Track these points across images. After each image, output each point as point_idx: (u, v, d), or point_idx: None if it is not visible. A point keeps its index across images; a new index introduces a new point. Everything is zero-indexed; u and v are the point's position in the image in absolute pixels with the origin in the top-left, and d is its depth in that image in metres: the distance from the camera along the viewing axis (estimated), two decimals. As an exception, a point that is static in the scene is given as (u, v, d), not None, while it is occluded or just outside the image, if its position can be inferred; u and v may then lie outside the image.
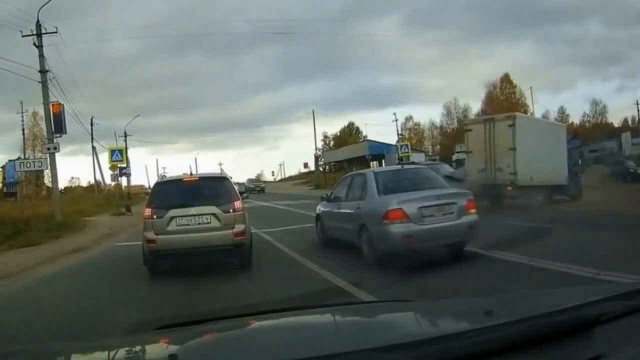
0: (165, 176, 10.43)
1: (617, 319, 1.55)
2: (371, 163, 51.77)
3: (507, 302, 2.26)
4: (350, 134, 76.59)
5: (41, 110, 22.59)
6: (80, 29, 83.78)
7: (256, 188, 52.06)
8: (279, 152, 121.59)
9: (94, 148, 40.56)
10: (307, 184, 61.07)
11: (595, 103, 66.28)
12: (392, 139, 54.81)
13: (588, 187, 19.02)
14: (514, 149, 15.62)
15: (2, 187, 52.03)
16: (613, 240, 8.80)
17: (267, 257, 9.40)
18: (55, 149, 19.16)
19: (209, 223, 7.97)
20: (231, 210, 8.10)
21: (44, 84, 19.09)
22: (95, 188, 46.04)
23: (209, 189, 8.53)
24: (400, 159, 33.65)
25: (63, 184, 53.65)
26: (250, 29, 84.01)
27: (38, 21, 18.91)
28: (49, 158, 19.64)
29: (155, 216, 8.00)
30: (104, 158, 35.13)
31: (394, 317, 2.08)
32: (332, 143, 77.59)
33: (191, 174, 9.61)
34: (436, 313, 2.07)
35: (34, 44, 18.90)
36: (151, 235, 7.92)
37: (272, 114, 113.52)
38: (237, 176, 49.01)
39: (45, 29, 19.07)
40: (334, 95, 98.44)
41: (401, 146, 37.38)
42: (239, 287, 7.11)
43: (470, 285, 6.08)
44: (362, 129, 74.88)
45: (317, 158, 60.81)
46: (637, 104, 55.45)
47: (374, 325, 1.97)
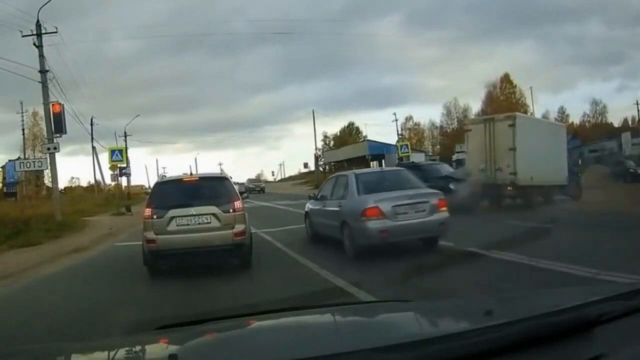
0: (165, 176, 10.45)
1: (617, 319, 1.55)
2: (371, 163, 51.80)
3: (507, 302, 2.26)
4: (350, 134, 76.58)
5: (41, 110, 22.63)
6: (80, 29, 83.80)
7: (256, 188, 52.03)
8: (279, 152, 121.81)
9: (94, 148, 40.62)
10: (307, 184, 61.01)
11: (595, 103, 66.32)
12: (392, 139, 54.88)
13: (588, 187, 19.00)
14: (514, 149, 15.62)
15: (2, 187, 52.02)
16: (613, 240, 8.79)
17: (267, 257, 9.40)
18: (55, 149, 19.15)
19: (209, 223, 7.97)
20: (231, 210, 8.10)
21: (44, 84, 19.09)
22: (95, 188, 46.04)
23: (209, 189, 8.54)
24: (400, 159, 33.67)
25: (63, 184, 53.65)
26: (250, 29, 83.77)
27: (38, 21, 18.92)
28: (49, 158, 19.64)
29: (155, 216, 8.00)
30: (104, 158, 35.14)
31: (394, 317, 2.08)
32: (332, 143, 77.59)
33: (191, 174, 9.63)
34: (436, 313, 2.07)
35: (34, 44, 18.90)
36: (151, 235, 7.92)
37: (272, 114, 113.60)
38: (237, 176, 49.09)
39: (45, 29, 19.09)
40: (334, 95, 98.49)
41: (401, 146, 37.40)
42: (239, 287, 7.11)
43: (470, 285, 6.08)
44: (362, 129, 74.96)
45: (317, 158, 60.82)
46: (637, 104, 55.53)
47: (374, 325, 1.97)
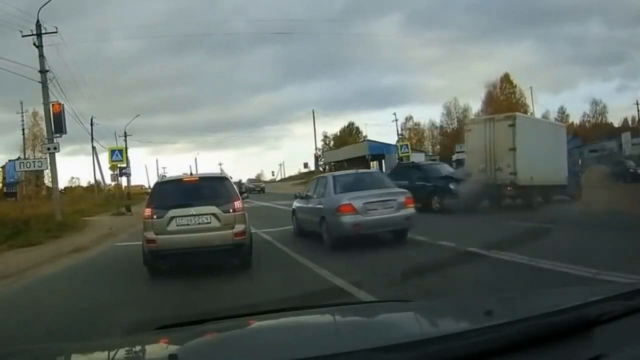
0: (165, 176, 10.45)
1: (617, 319, 1.55)
2: (371, 163, 51.76)
3: (507, 302, 2.26)
4: (350, 134, 76.54)
5: (41, 110, 22.62)
6: (80, 29, 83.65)
7: (256, 188, 51.99)
8: (279, 152, 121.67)
9: (94, 148, 40.63)
10: (307, 184, 60.89)
11: (595, 103, 66.22)
12: (392, 139, 54.76)
13: (588, 187, 18.95)
14: (514, 149, 15.63)
15: (2, 187, 52.01)
16: (613, 240, 8.79)
17: (267, 257, 9.40)
18: (55, 149, 19.16)
19: (209, 223, 7.97)
20: (231, 210, 8.10)
21: (44, 84, 19.08)
22: (95, 188, 46.05)
23: (209, 189, 8.54)
24: (400, 159, 33.66)
25: (63, 184, 53.58)
26: (250, 28, 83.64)
27: (38, 21, 18.91)
28: (49, 158, 19.64)
29: (155, 216, 8.00)
30: (104, 158, 35.13)
31: (394, 317, 2.08)
32: (332, 143, 77.54)
33: (191, 174, 9.62)
34: (436, 313, 2.07)
35: (34, 44, 18.89)
36: (151, 235, 7.92)
37: (272, 114, 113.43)
38: (237, 176, 49.00)
39: (45, 29, 19.08)
40: (334, 95, 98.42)
41: (401, 146, 37.38)
42: (239, 287, 7.11)
43: (470, 285, 6.08)
44: (362, 129, 74.90)
45: (317, 158, 60.82)
46: (637, 104, 55.50)
47: (374, 325, 1.97)
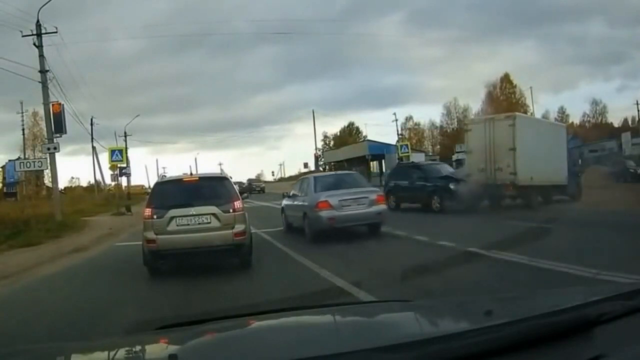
0: (165, 176, 10.44)
1: (617, 319, 1.55)
2: (371, 163, 51.73)
3: (507, 302, 2.26)
4: (350, 134, 76.50)
5: (41, 110, 22.62)
6: (80, 29, 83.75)
7: (256, 188, 51.91)
8: (279, 152, 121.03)
9: (94, 148, 40.61)
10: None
11: (596, 103, 66.21)
12: (392, 139, 54.67)
13: (588, 187, 19.01)
14: (514, 149, 15.61)
15: (2, 187, 52.02)
16: (613, 240, 8.80)
17: (267, 257, 9.40)
18: (55, 149, 19.16)
19: (209, 223, 7.96)
20: (231, 210, 8.09)
21: (44, 84, 19.08)
22: (95, 188, 46.06)
23: (209, 189, 8.53)
24: (400, 159, 33.68)
25: (63, 184, 53.64)
26: (251, 28, 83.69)
27: (38, 21, 18.91)
28: (49, 158, 19.64)
29: (155, 216, 7.99)
30: (104, 158, 35.10)
31: (394, 317, 2.08)
32: (332, 143, 77.51)
33: (191, 174, 9.61)
34: (436, 313, 2.08)
35: (34, 44, 18.89)
36: (151, 235, 7.91)
37: (273, 114, 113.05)
38: (238, 176, 49.01)
39: (45, 29, 19.08)
40: (334, 95, 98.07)
41: (401, 146, 37.43)
42: (239, 287, 7.11)
43: (470, 285, 6.07)
44: (362, 129, 74.85)
45: (317, 158, 60.73)
46: (637, 104, 55.50)
47: (374, 325, 1.97)
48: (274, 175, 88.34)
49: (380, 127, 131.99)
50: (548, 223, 11.03)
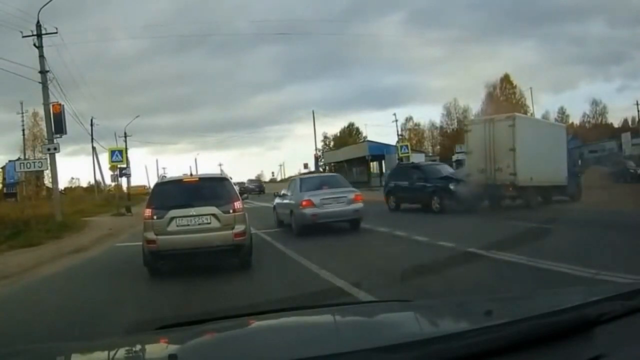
0: (165, 177, 10.43)
1: (617, 319, 1.55)
2: (371, 164, 51.71)
3: (507, 302, 2.26)
4: (350, 134, 76.48)
5: (41, 111, 22.62)
6: (81, 29, 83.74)
7: (256, 189, 51.76)
8: (279, 152, 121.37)
9: (94, 148, 40.63)
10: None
11: (595, 103, 66.07)
12: (392, 139, 54.53)
13: (588, 188, 19.02)
14: (513, 150, 15.61)
15: (2, 188, 52.04)
16: (613, 241, 8.79)
17: (267, 257, 9.40)
18: (55, 149, 19.15)
19: (209, 224, 7.96)
20: (231, 211, 8.09)
21: (44, 85, 19.08)
22: (95, 188, 46.09)
23: (209, 189, 8.53)
24: (400, 159, 33.68)
25: (63, 184, 53.68)
26: (251, 28, 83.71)
27: (38, 22, 18.90)
28: (49, 158, 19.63)
29: (155, 217, 7.98)
30: (104, 158, 35.09)
31: (394, 317, 2.08)
32: (332, 144, 77.49)
33: (191, 174, 9.59)
34: (436, 313, 2.08)
35: (34, 45, 18.88)
36: (151, 235, 7.91)
37: (273, 114, 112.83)
38: (238, 177, 48.98)
39: (46, 29, 19.06)
40: (334, 95, 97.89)
41: (401, 147, 37.47)
42: (239, 287, 7.11)
43: (470, 285, 6.07)
44: (362, 129, 74.82)
45: (317, 159, 60.73)
46: (638, 105, 55.48)
47: (374, 325, 1.97)
48: (273, 175, 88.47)
49: (380, 128, 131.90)
50: (548, 223, 11.03)
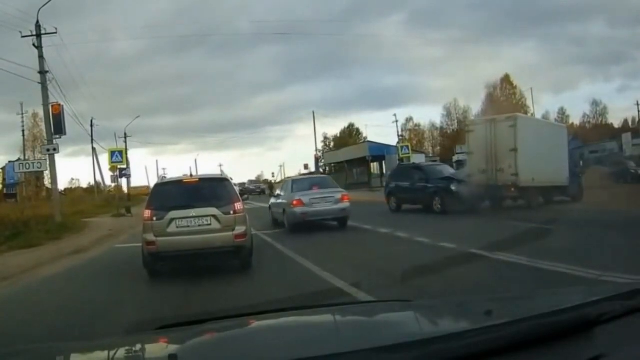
0: (165, 177, 10.42)
1: (617, 319, 1.55)
2: (372, 164, 51.68)
3: (507, 302, 2.26)
4: (351, 135, 76.40)
5: (41, 112, 22.55)
6: (80, 29, 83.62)
7: (256, 190, 51.61)
8: (280, 152, 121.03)
9: (94, 149, 40.67)
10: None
11: (596, 104, 66.01)
12: (392, 140, 54.50)
13: (589, 188, 19.01)
14: (515, 150, 15.61)
15: (2, 189, 52.09)
16: (614, 241, 8.80)
17: (267, 258, 9.40)
18: (54, 150, 19.14)
19: (209, 225, 7.91)
20: (231, 212, 8.04)
21: (43, 85, 19.08)
22: (95, 189, 46.10)
23: (209, 190, 8.49)
24: (401, 160, 33.63)
25: (63, 185, 53.85)
26: (252, 29, 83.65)
27: (38, 22, 18.89)
28: (48, 159, 19.66)
29: (155, 218, 7.94)
30: (104, 159, 35.07)
31: (394, 317, 2.08)
32: (332, 144, 77.46)
33: (191, 175, 9.57)
34: (436, 313, 2.07)
35: (34, 45, 18.88)
36: (151, 237, 7.86)
37: (274, 115, 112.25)
38: (238, 177, 48.94)
39: (45, 29, 19.06)
40: (335, 95, 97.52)
41: (401, 147, 37.38)
42: (239, 287, 7.10)
43: (471, 285, 6.07)
44: (362, 130, 74.77)
45: (317, 159, 60.70)
46: (638, 105, 55.47)
47: (374, 325, 1.97)
48: (274, 176, 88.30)
49: (381, 129, 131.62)
50: (549, 224, 11.02)
